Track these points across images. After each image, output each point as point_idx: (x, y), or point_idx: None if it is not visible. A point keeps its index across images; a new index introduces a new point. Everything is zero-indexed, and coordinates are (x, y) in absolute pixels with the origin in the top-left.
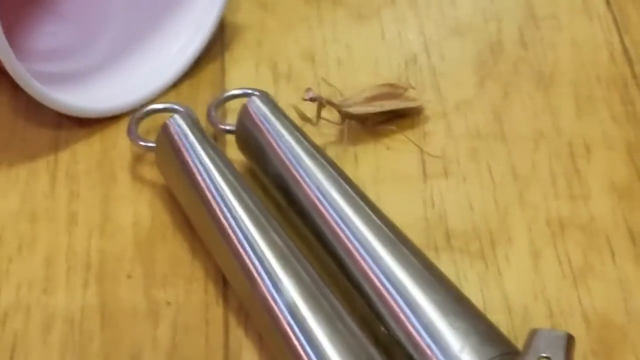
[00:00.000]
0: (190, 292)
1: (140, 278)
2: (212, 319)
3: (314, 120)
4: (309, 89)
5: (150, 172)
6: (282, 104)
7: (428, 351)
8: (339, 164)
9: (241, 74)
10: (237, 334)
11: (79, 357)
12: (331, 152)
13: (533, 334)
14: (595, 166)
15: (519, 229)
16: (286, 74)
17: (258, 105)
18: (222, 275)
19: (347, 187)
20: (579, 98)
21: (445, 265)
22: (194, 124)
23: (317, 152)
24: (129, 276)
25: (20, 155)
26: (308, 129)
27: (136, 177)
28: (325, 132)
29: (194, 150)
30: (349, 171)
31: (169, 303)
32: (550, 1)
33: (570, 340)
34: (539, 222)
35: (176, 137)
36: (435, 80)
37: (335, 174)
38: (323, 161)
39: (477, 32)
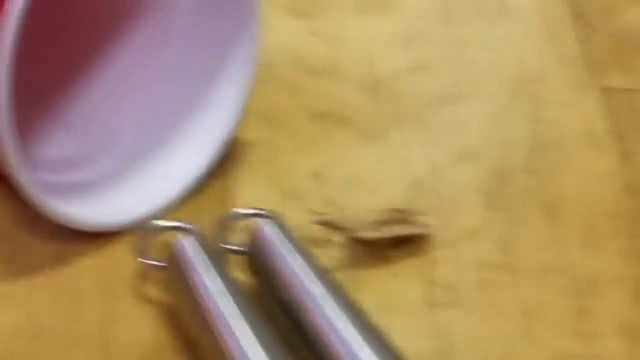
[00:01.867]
0: None
1: None
2: None
3: (323, 243)
4: (319, 213)
5: (154, 291)
6: (288, 223)
7: None
8: (344, 287)
9: (248, 191)
10: None
11: None
12: (337, 276)
13: None
14: (605, 303)
15: None
16: (293, 193)
17: (270, 227)
18: None
19: (357, 316)
20: (586, 232)
21: None
22: (203, 245)
23: (327, 278)
24: None
25: (22, 269)
26: (315, 251)
27: (140, 295)
28: (331, 256)
29: (203, 274)
30: (354, 296)
31: None
32: (556, 129)
33: None
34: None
35: (185, 258)
36: (441, 206)
37: (346, 303)
38: (332, 287)
39: (483, 158)
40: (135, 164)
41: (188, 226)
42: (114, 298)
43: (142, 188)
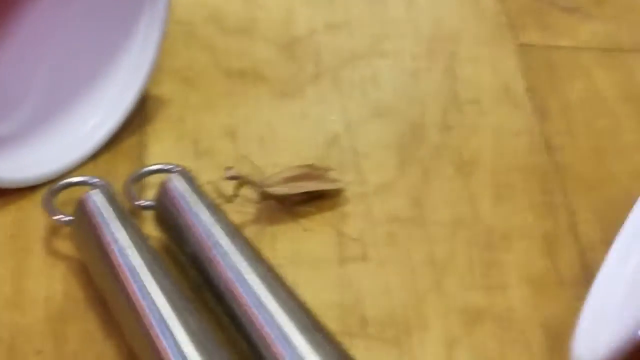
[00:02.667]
0: None
1: (50, 355)
2: None
3: (232, 198)
4: (229, 168)
5: (65, 245)
6: (202, 180)
7: None
8: (256, 243)
9: (162, 148)
10: None
11: None
12: (249, 231)
13: None
14: (513, 256)
15: (435, 317)
16: (207, 150)
17: (177, 183)
18: (134, 356)
19: (264, 268)
20: (498, 186)
21: (359, 351)
22: (111, 200)
23: (235, 233)
24: (38, 352)
25: None
26: (227, 206)
27: (51, 250)
28: (244, 211)
29: (111, 227)
30: (265, 251)
31: None
32: (473, 86)
33: None
34: (455, 311)
35: (92, 213)
36: (355, 162)
37: (252, 255)
38: (241, 242)
39: (398, 115)
40: (46, 121)
41: (97, 181)
42: (24, 253)
43: (54, 144)
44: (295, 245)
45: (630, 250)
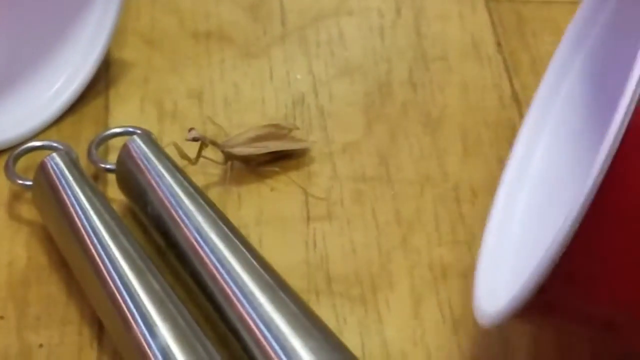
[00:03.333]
0: (64, 335)
1: (13, 319)
2: None
3: (195, 160)
4: (191, 129)
5: (28, 211)
6: (165, 142)
7: None
8: (221, 204)
9: (126, 111)
10: None
11: None
12: (214, 193)
13: None
14: (481, 211)
15: (401, 274)
16: (172, 113)
17: (139, 145)
18: (97, 318)
19: (227, 230)
20: (466, 142)
21: (325, 309)
22: (72, 163)
23: (198, 194)
24: (1, 317)
25: None
26: (192, 169)
27: (13, 215)
28: (209, 172)
29: (71, 190)
30: (231, 212)
31: (41, 345)
32: (441, 43)
33: None
34: (421, 268)
35: (53, 176)
36: (322, 121)
37: (215, 217)
38: (203, 203)
39: (366, 73)
40: (8, 86)
41: (57, 145)
42: None
43: (16, 110)
44: (261, 205)
45: (516, 191)
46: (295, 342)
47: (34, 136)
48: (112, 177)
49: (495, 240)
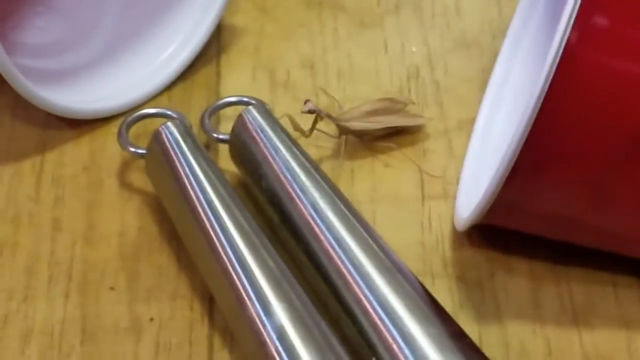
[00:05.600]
0: (174, 309)
1: (124, 291)
2: (196, 339)
3: (309, 132)
4: (307, 101)
5: (139, 179)
6: (277, 112)
7: None
8: (334, 179)
9: (237, 79)
10: (222, 356)
11: None
12: (327, 167)
13: None
14: None
15: (520, 259)
16: (284, 82)
17: (254, 116)
18: (209, 292)
19: (343, 206)
20: None
21: (441, 293)
22: (186, 133)
23: (314, 168)
24: (111, 288)
25: (6, 155)
26: (304, 141)
27: (124, 184)
28: (322, 145)
29: (186, 161)
30: (344, 187)
31: (152, 319)
32: None
33: None
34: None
35: (168, 146)
36: (438, 96)
37: (332, 193)
38: (319, 178)
39: (482, 47)
40: (120, 50)
41: (171, 113)
42: (98, 186)
43: (128, 75)
44: (375, 181)
45: (499, 103)
46: (414, 328)
47: (145, 102)
48: (223, 147)
49: (476, 154)
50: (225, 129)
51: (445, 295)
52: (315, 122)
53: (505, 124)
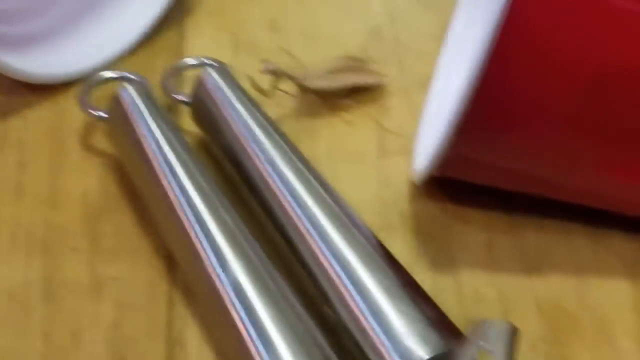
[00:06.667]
0: (135, 268)
1: (86, 251)
2: (156, 296)
3: (270, 92)
4: (267, 61)
5: (101, 142)
6: (241, 74)
7: (373, 335)
8: (295, 137)
9: (201, 42)
10: (182, 312)
11: (17, 332)
12: (288, 126)
13: (476, 325)
14: None
15: (475, 213)
16: (247, 44)
17: (214, 77)
18: (169, 251)
19: (300, 164)
20: None
21: (398, 245)
22: (146, 95)
23: (272, 127)
24: (74, 249)
25: None
26: (266, 101)
27: (87, 147)
28: (283, 105)
29: (146, 123)
30: (305, 145)
31: (113, 278)
32: None
33: (514, 332)
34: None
35: (127, 108)
36: (399, 54)
37: (289, 151)
38: (277, 137)
39: (444, 4)
40: (83, 16)
41: (132, 76)
42: (61, 150)
43: (91, 39)
44: (335, 139)
45: (456, 58)
46: (367, 279)
47: (109, 67)
48: (185, 109)
49: (434, 109)
50: (188, 90)
51: (402, 247)
52: (276, 82)
53: (462, 80)
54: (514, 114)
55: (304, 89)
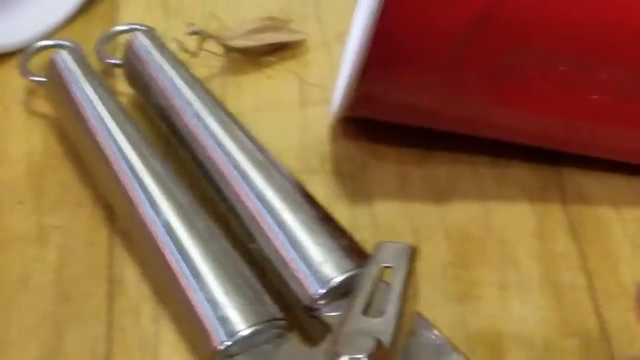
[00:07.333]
0: (77, 217)
1: (31, 204)
2: (97, 241)
3: (196, 53)
4: (192, 24)
5: (43, 105)
6: (171, 38)
7: (293, 265)
8: (222, 94)
9: (133, 10)
10: (121, 254)
11: None
12: (215, 83)
13: (378, 246)
14: None
15: (387, 150)
16: (176, 10)
17: (142, 40)
18: (108, 201)
19: (224, 115)
20: None
21: (318, 187)
22: (79, 59)
23: (197, 83)
24: (20, 203)
25: None
26: (194, 62)
27: (29, 110)
28: (210, 65)
29: (79, 84)
30: (231, 101)
31: (57, 227)
32: None
33: (413, 251)
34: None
35: (63, 72)
36: (317, 12)
37: (213, 104)
38: (203, 93)
39: None
40: None
41: (67, 43)
42: (4, 114)
43: (28, 11)
44: (259, 93)
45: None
46: (287, 216)
47: (48, 37)
48: (120, 72)
49: (350, 56)
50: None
51: (322, 188)
52: (200, 43)
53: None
54: (405, 53)
55: (228, 49)
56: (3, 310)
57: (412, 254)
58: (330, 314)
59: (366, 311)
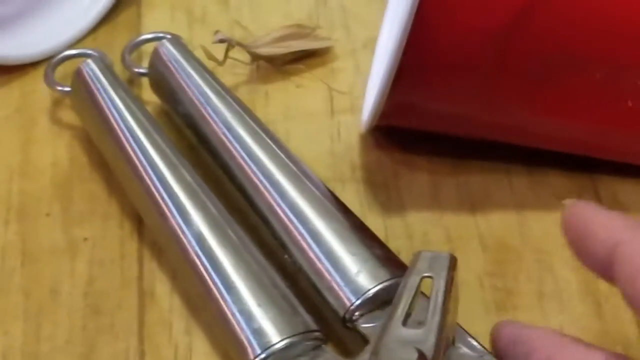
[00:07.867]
0: (106, 229)
1: (59, 216)
2: (127, 253)
3: (222, 61)
4: (218, 32)
5: (69, 115)
6: (196, 46)
7: (327, 276)
8: (250, 102)
9: (157, 18)
10: (151, 266)
11: (0, 293)
12: (243, 91)
13: (417, 255)
14: None
15: (421, 160)
16: (201, 18)
17: (169, 48)
18: (137, 212)
19: (254, 124)
20: None
21: (350, 196)
22: (106, 68)
23: (225, 91)
24: (47, 214)
25: None
26: (221, 70)
27: (55, 120)
28: (237, 73)
29: (106, 93)
30: (260, 109)
31: (86, 239)
32: None
33: (452, 260)
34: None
35: (89, 81)
36: (344, 19)
37: (242, 112)
38: (230, 100)
39: None
40: (47, 1)
41: (93, 52)
42: (30, 125)
43: (53, 21)
44: (287, 102)
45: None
46: (320, 225)
47: (72, 46)
48: (145, 81)
49: (379, 66)
50: (147, 64)
51: (354, 197)
52: (227, 50)
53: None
54: (440, 60)
55: (255, 57)
56: (34, 323)
57: (452, 262)
58: (367, 325)
59: (405, 322)
